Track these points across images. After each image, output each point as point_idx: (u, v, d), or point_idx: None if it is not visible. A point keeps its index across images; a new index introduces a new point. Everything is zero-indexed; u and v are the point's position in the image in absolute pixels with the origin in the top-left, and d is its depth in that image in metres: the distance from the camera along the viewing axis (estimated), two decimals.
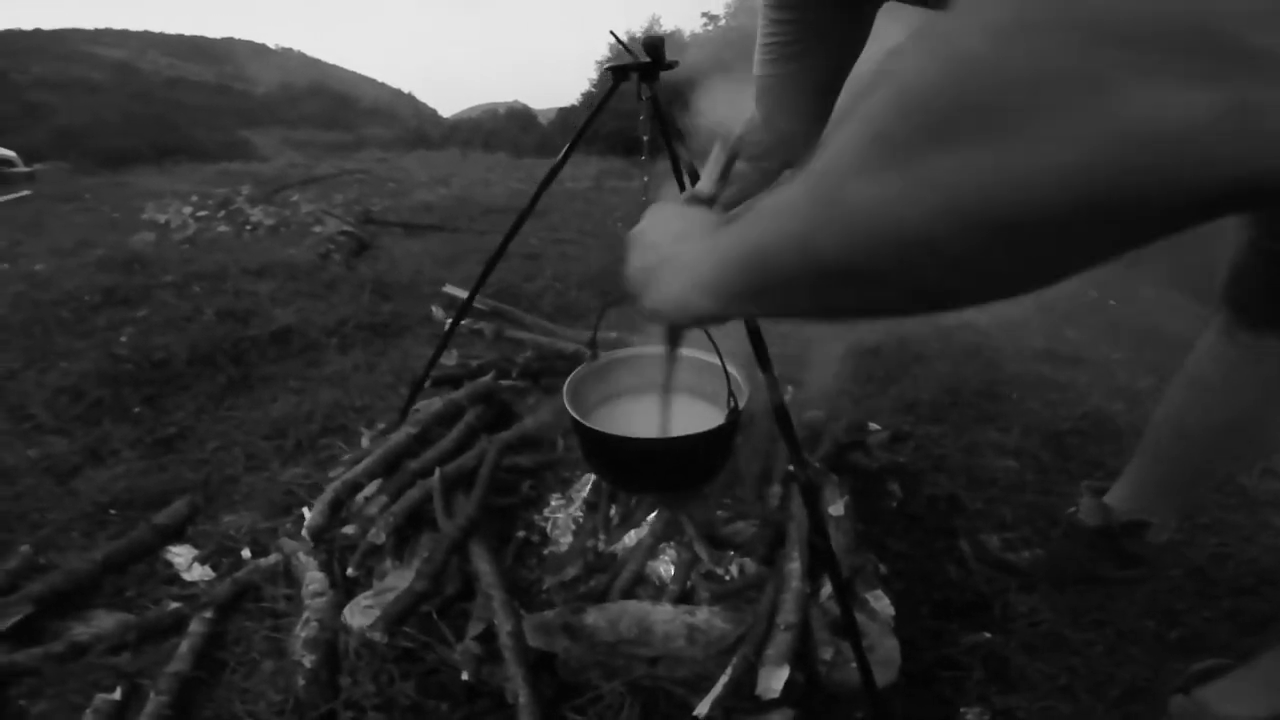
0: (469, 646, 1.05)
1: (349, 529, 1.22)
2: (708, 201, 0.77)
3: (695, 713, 0.96)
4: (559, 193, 6.45)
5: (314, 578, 1.23)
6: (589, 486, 1.42)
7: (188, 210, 5.22)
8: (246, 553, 1.39)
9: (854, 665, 0.98)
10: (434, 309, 2.73)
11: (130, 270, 2.92)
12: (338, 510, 1.25)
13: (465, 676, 1.01)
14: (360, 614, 1.14)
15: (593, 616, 1.07)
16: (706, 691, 0.98)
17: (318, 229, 4.45)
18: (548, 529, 1.36)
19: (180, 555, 1.36)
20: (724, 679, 0.99)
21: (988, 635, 1.18)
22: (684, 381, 1.40)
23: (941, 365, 2.19)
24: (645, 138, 1.19)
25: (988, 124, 0.23)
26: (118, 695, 0.98)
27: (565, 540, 1.32)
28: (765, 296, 0.40)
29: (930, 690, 1.07)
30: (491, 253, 1.49)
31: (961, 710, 1.04)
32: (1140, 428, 1.22)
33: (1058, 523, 1.35)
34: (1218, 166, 0.19)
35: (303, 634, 1.09)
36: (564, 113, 13.42)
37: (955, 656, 1.13)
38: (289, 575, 1.30)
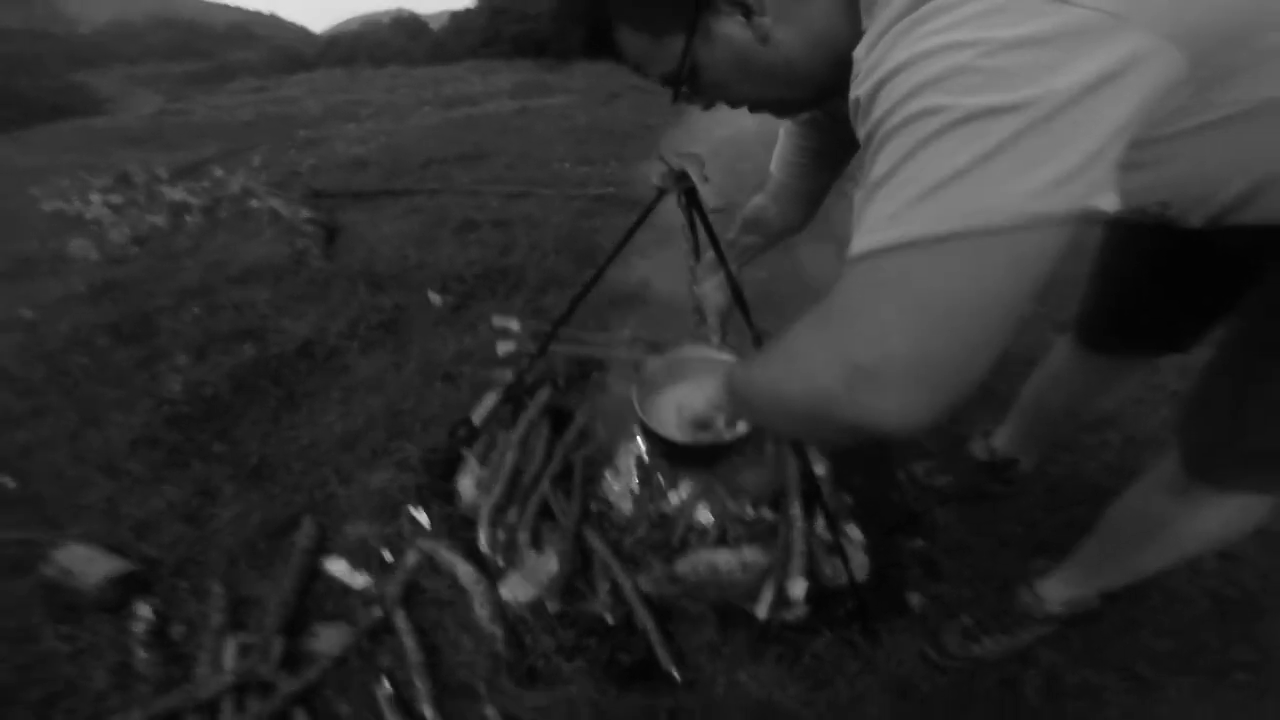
0: (605, 599, 1.53)
1: (501, 534, 1.65)
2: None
3: (757, 614, 1.50)
4: (484, 122, 6.48)
5: (465, 570, 1.67)
6: (630, 463, 1.85)
7: (96, 198, 5.09)
8: (388, 555, 1.80)
9: (843, 575, 1.53)
10: (431, 295, 3.02)
11: (114, 299, 3.05)
12: (496, 525, 1.68)
13: (610, 620, 1.50)
14: (519, 589, 1.60)
15: (682, 567, 1.57)
16: (755, 602, 1.52)
17: (254, 204, 4.50)
18: (609, 499, 1.82)
19: (338, 567, 1.77)
20: (769, 591, 1.51)
21: (921, 542, 1.73)
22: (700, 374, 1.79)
23: None
24: (688, 246, 1.53)
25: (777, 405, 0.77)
26: (389, 688, 1.42)
27: (626, 506, 1.75)
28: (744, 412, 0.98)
29: (888, 584, 1.62)
30: (468, 223, 1.78)
31: (908, 595, 1.61)
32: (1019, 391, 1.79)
33: (961, 455, 1.91)
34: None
35: (484, 612, 1.54)
36: (458, 17, 12.74)
37: (902, 559, 1.67)
38: (435, 568, 1.74)
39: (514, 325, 2.23)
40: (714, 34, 0.85)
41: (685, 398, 1.24)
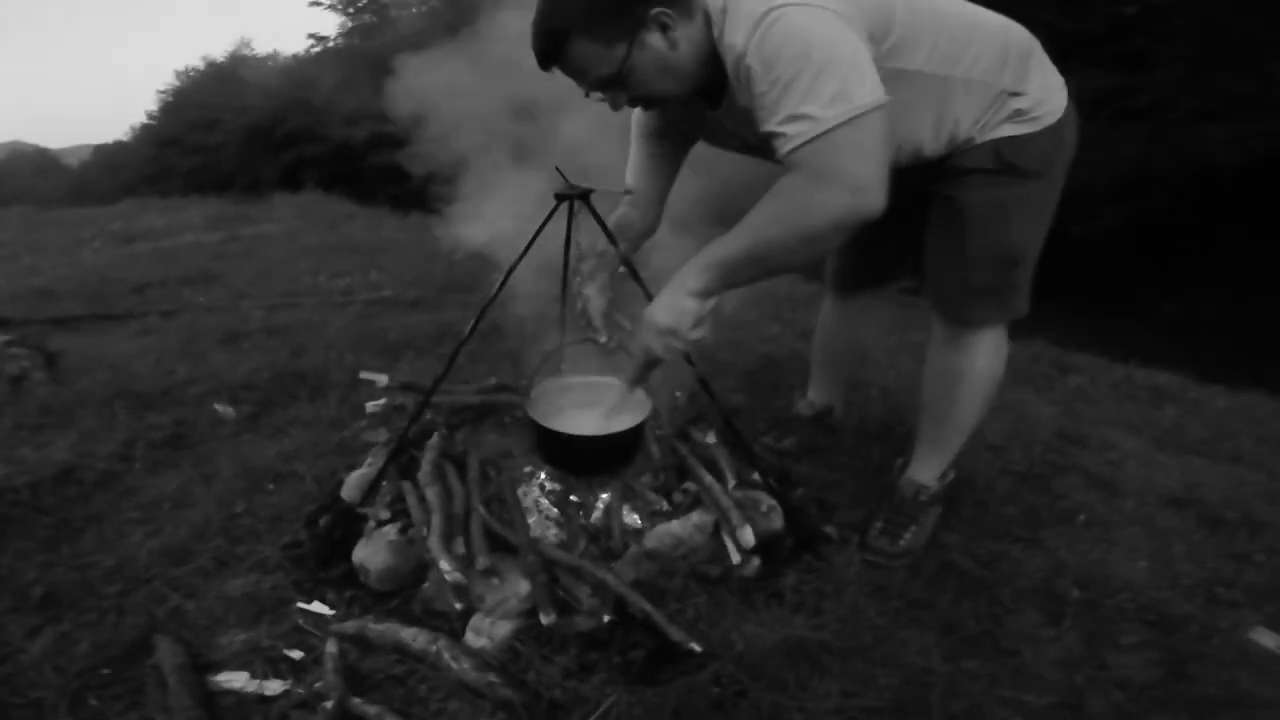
0: (592, 603, 1.55)
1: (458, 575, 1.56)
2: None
3: (734, 563, 1.69)
4: (188, 251, 5.88)
5: (411, 633, 1.52)
6: (534, 497, 1.90)
7: None
8: (295, 653, 1.56)
9: (768, 519, 1.81)
10: (218, 407, 2.69)
11: None
12: (450, 552, 1.58)
13: (607, 618, 1.52)
14: (489, 629, 1.52)
15: (650, 542, 1.69)
16: (721, 560, 1.72)
17: None
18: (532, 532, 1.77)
19: (237, 679, 1.47)
20: (730, 544, 1.72)
21: (800, 490, 2.09)
22: (592, 399, 1.88)
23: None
24: (578, 250, 1.80)
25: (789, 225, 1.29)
26: None
27: (552, 533, 1.77)
28: (731, 277, 1.35)
29: (795, 518, 1.88)
30: (234, 334, 1.83)
31: (823, 528, 1.92)
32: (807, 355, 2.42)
33: (787, 419, 2.44)
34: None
35: (465, 666, 1.42)
36: (105, 151, 11.49)
37: (794, 503, 1.98)
38: (367, 648, 1.55)
39: (382, 380, 2.15)
40: (646, 43, 1.33)
41: (648, 314, 1.40)
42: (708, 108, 1.51)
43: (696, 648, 1.45)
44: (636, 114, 1.79)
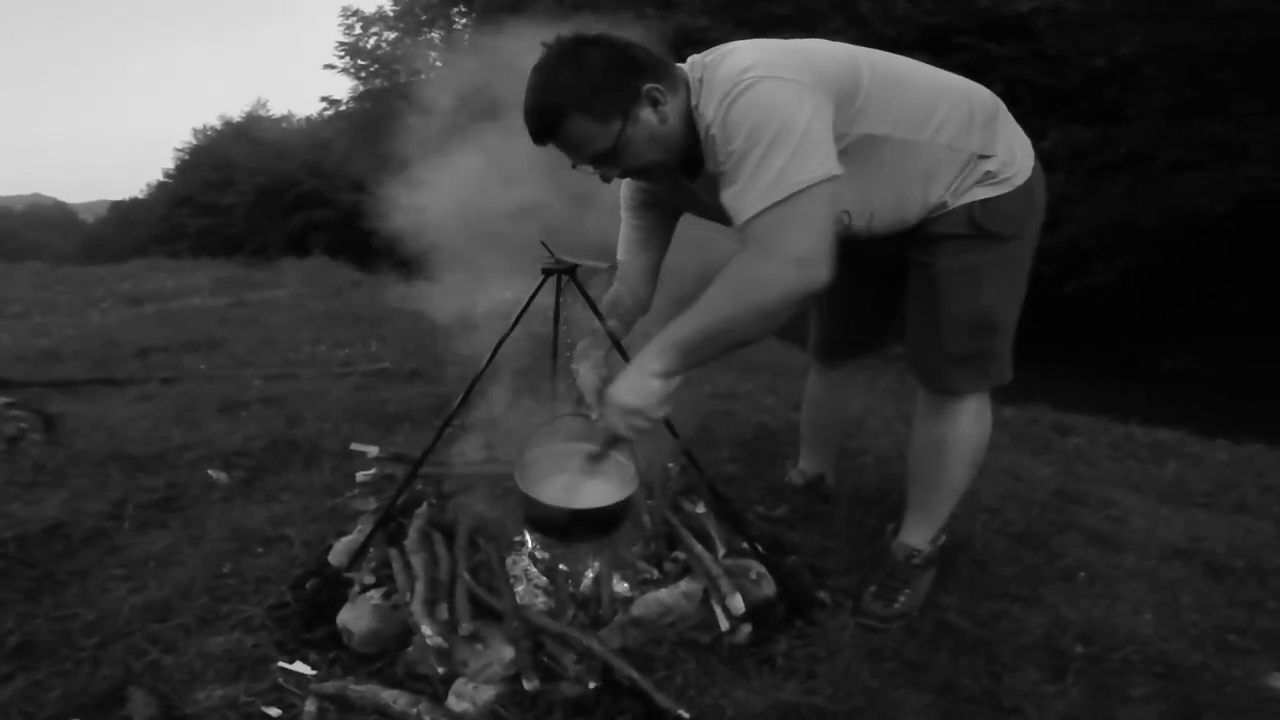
0: (578, 670, 1.56)
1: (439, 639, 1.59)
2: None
3: (724, 630, 1.70)
4: (194, 315, 6.09)
5: (392, 695, 1.54)
6: (524, 566, 1.94)
7: None
8: (274, 711, 1.57)
9: (758, 586, 1.82)
10: (211, 473, 2.74)
11: None
12: (433, 617, 1.62)
13: (591, 685, 1.53)
14: (471, 694, 1.53)
15: (637, 609, 1.71)
16: (711, 627, 1.73)
17: None
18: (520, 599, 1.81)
19: None
20: (719, 610, 1.73)
21: (793, 557, 2.11)
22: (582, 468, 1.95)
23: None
24: (563, 326, 1.89)
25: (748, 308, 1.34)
26: None
27: (540, 600, 1.81)
28: (692, 357, 1.37)
29: (796, 588, 1.90)
30: (232, 403, 1.87)
31: (816, 593, 1.93)
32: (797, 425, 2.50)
33: (780, 488, 2.49)
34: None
35: None
36: (120, 208, 11.95)
37: (787, 569, 1.99)
38: (347, 708, 1.56)
39: (372, 450, 2.21)
40: (639, 118, 1.40)
41: (611, 394, 1.42)
42: (685, 180, 1.59)
43: (684, 714, 1.46)
44: (624, 189, 1.87)
